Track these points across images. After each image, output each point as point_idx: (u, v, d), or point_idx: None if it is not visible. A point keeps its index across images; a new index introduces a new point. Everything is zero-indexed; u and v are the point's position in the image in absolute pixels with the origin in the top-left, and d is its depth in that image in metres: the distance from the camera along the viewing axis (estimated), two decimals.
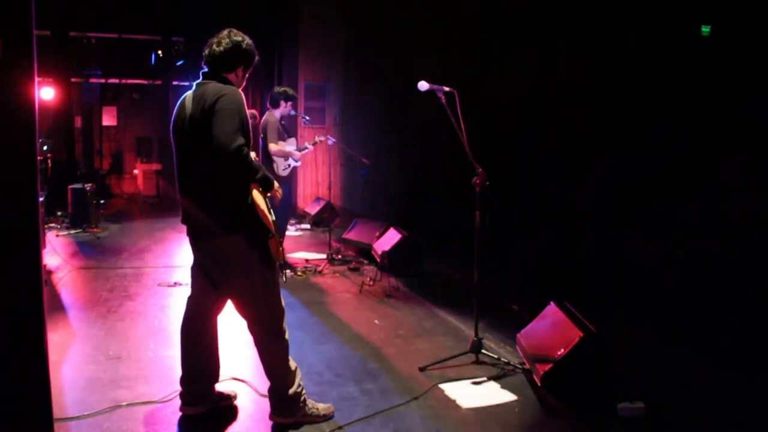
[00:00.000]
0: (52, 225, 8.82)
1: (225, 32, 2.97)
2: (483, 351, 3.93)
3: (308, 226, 9.32)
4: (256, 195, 2.81)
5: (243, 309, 2.93)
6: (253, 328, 2.94)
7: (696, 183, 4.90)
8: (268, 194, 2.92)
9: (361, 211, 8.26)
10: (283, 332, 2.96)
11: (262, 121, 6.08)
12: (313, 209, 9.27)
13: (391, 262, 6.07)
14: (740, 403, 3.38)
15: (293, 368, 2.99)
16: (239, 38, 2.96)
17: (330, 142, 6.81)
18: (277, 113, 6.03)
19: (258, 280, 2.85)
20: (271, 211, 2.92)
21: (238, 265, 2.84)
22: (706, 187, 4.81)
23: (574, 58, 5.78)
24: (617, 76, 5.41)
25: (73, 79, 11.99)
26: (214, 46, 2.92)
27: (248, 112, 2.93)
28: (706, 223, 4.73)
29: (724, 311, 4.40)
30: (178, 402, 3.07)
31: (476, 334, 3.99)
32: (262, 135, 5.97)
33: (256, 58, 3.05)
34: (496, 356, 3.89)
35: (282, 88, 6.23)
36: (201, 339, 3.06)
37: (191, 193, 2.88)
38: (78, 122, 13.14)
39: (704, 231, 4.73)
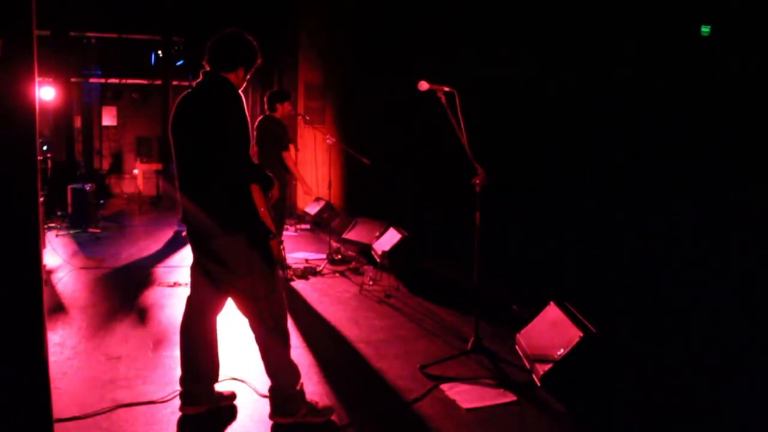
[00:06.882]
0: (52, 225, 8.82)
1: (227, 32, 2.97)
2: (483, 351, 3.94)
3: (308, 226, 9.33)
4: (257, 195, 2.81)
5: (245, 308, 2.94)
6: (254, 327, 2.94)
7: (694, 181, 4.90)
8: (268, 194, 2.92)
9: (361, 211, 8.26)
10: (285, 332, 2.97)
11: (266, 124, 5.90)
12: (313, 209, 9.26)
13: (391, 262, 6.07)
14: (740, 405, 3.38)
15: (294, 368, 2.99)
16: (241, 39, 2.96)
17: (329, 142, 6.80)
18: (277, 116, 5.94)
19: (259, 279, 2.86)
20: (272, 210, 2.93)
21: (239, 265, 2.84)
22: (705, 185, 4.81)
23: (569, 57, 5.78)
24: (616, 76, 5.41)
25: (73, 79, 11.99)
26: (216, 46, 2.92)
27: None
28: (704, 223, 4.73)
29: (723, 312, 4.40)
30: (178, 402, 3.07)
31: (476, 334, 4.00)
32: (269, 139, 5.79)
33: (259, 60, 3.04)
34: (496, 356, 3.89)
35: (274, 91, 6.13)
36: (201, 339, 3.06)
37: (191, 193, 2.89)
38: (78, 122, 13.14)
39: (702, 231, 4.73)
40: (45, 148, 10.08)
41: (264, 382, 3.08)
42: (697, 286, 4.64)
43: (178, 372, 3.09)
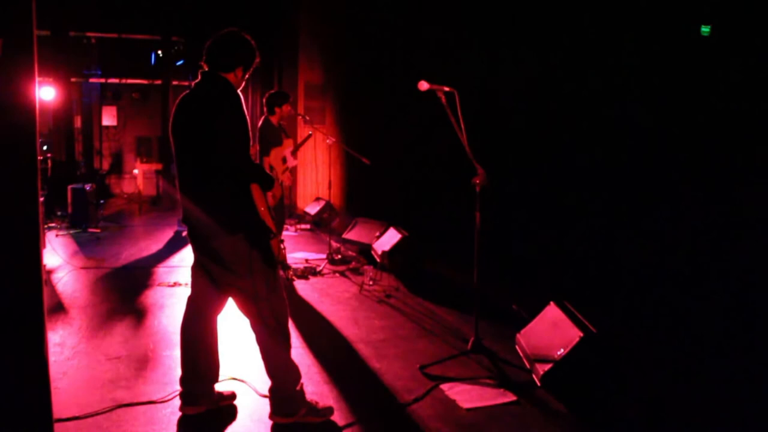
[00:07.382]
0: (52, 225, 8.82)
1: (226, 32, 2.97)
2: (483, 351, 3.94)
3: (308, 226, 9.33)
4: (257, 195, 2.82)
5: (245, 308, 2.94)
6: (255, 328, 2.94)
7: (694, 181, 4.90)
8: (267, 193, 2.93)
9: (361, 211, 8.26)
10: (286, 332, 2.97)
11: (261, 127, 5.87)
12: (313, 209, 9.26)
13: (391, 262, 6.07)
14: (739, 402, 3.38)
15: (294, 368, 2.99)
16: (240, 38, 2.96)
17: (329, 142, 6.80)
18: (274, 120, 5.93)
19: (259, 279, 2.86)
20: (272, 210, 2.93)
21: (240, 265, 2.84)
22: (705, 185, 4.81)
23: (571, 56, 5.78)
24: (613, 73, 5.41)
25: (73, 79, 12.00)
26: (214, 46, 2.92)
27: None
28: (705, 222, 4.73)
29: (723, 309, 4.40)
30: (178, 402, 3.07)
31: (476, 334, 4.00)
32: (258, 143, 5.80)
33: (257, 59, 3.04)
34: (496, 356, 3.89)
35: (273, 93, 6.08)
36: (201, 339, 3.06)
37: (191, 194, 2.89)
38: (78, 122, 13.15)
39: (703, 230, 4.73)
40: (45, 148, 10.08)
41: (264, 382, 3.08)
42: (696, 286, 4.64)
43: (178, 372, 3.09)
